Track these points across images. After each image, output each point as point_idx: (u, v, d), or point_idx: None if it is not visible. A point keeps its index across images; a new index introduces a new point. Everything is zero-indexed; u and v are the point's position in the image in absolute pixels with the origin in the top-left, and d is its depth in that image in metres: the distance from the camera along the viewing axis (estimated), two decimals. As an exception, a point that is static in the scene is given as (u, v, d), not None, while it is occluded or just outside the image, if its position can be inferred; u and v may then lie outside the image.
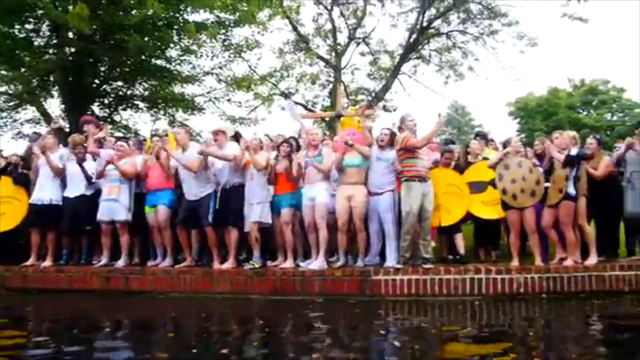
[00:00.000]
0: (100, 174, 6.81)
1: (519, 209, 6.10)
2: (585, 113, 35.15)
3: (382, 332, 4.50)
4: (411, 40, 18.79)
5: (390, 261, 6.01)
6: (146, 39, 11.18)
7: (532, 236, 6.13)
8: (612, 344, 3.99)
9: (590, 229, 6.20)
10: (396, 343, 4.09)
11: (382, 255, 6.23)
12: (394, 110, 6.86)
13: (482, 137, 7.20)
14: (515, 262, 6.05)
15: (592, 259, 6.04)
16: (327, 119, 16.71)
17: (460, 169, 6.75)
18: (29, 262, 6.99)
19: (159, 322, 5.25)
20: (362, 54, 20.16)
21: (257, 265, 6.29)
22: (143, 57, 11.93)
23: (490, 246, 6.82)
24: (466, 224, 7.11)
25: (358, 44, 19.85)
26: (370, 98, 19.02)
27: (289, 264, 6.26)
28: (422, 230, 6.03)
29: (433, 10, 18.44)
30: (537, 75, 54.63)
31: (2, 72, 12.44)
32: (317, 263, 6.07)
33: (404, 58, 19.11)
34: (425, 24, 18.48)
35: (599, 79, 35.60)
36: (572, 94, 35.45)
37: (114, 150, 6.96)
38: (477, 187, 6.58)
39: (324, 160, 6.22)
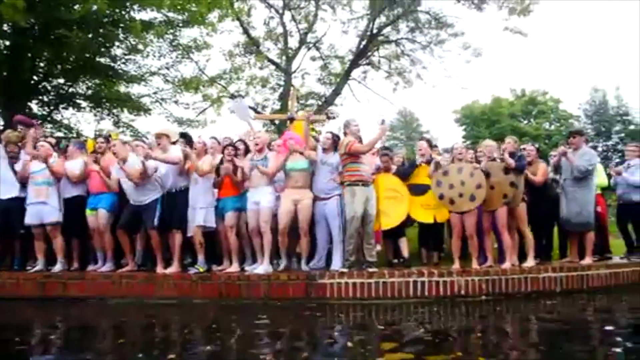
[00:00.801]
0: (23, 176, 6.52)
1: (460, 213, 6.30)
2: (526, 122, 36.77)
3: (327, 335, 4.52)
4: (361, 46, 19.07)
5: (336, 265, 6.07)
6: (90, 35, 10.79)
7: (471, 240, 6.34)
8: (545, 341, 4.18)
9: (530, 234, 6.47)
10: (340, 346, 4.12)
11: (327, 259, 6.28)
12: (335, 117, 6.93)
13: (426, 141, 7.38)
14: (456, 265, 6.24)
15: (530, 262, 6.32)
16: (277, 121, 16.71)
17: (401, 173, 6.89)
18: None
19: (99, 329, 5.06)
20: (313, 59, 20.29)
21: (201, 270, 6.19)
22: (86, 55, 11.50)
23: (434, 249, 7.00)
24: (411, 227, 7.29)
25: (309, 48, 19.96)
26: (320, 103, 19.15)
27: (234, 268, 6.21)
28: (366, 235, 6.12)
29: (383, 18, 18.82)
30: (482, 85, 56.77)
31: None
32: (262, 267, 6.05)
33: (354, 64, 19.36)
34: (375, 31, 18.82)
35: (538, 89, 37.38)
36: (513, 103, 37.01)
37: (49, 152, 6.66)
38: (418, 190, 6.74)
39: (269, 164, 6.21)
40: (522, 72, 63.24)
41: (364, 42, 19.04)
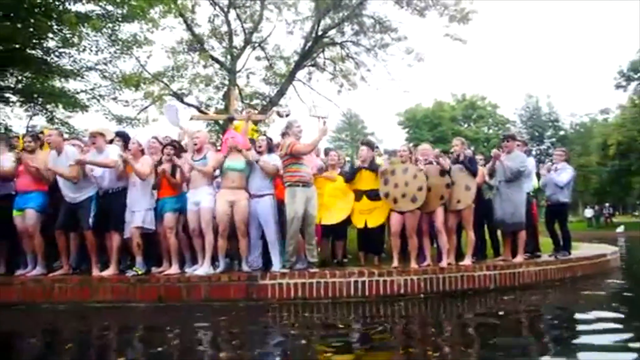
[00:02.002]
0: None
1: (400, 213, 6.45)
2: (466, 125, 38.15)
3: (268, 336, 4.52)
4: (306, 47, 19.16)
5: (276, 265, 6.07)
6: (18, 25, 10.21)
7: (411, 239, 6.50)
8: (479, 335, 4.36)
9: (473, 235, 6.70)
10: (281, 346, 4.13)
11: (266, 259, 6.29)
12: (287, 115, 6.92)
13: (367, 144, 7.50)
14: (395, 263, 6.39)
15: (467, 261, 6.56)
16: (220, 121, 16.47)
17: (345, 177, 6.99)
18: None
19: (27, 337, 4.80)
20: (258, 59, 20.18)
21: (140, 272, 6.02)
22: (16, 46, 10.88)
23: (373, 251, 7.11)
24: (351, 229, 7.40)
25: (254, 48, 19.83)
26: (265, 103, 19.06)
27: (174, 269, 6.08)
28: (307, 235, 6.15)
29: (328, 20, 18.98)
30: (424, 89, 58.32)
31: None
32: (203, 269, 5.95)
33: (299, 65, 19.42)
34: (320, 33, 18.95)
35: (477, 94, 38.88)
36: (454, 108, 38.32)
37: None
38: (355, 194, 6.88)
39: (209, 163, 6.13)
40: (463, 77, 65.62)
41: (309, 44, 19.14)
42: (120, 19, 12.13)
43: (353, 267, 6.52)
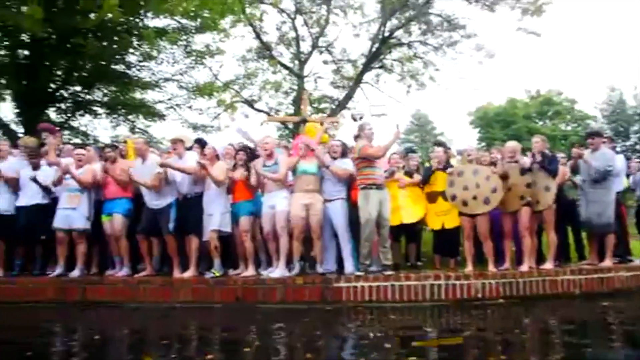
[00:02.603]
0: (58, 183, 6.61)
1: (472, 216, 6.26)
2: (541, 123, 36.43)
3: (343, 339, 4.52)
4: (373, 49, 19.06)
5: (349, 268, 6.07)
6: (104, 43, 10.94)
7: (485, 242, 6.28)
8: (565, 344, 4.13)
9: (555, 237, 6.37)
10: (356, 350, 4.12)
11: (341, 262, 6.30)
12: (361, 118, 6.93)
13: (441, 145, 7.36)
14: (469, 268, 6.19)
15: (549, 264, 6.25)
16: (290, 125, 16.76)
17: (411, 176, 6.90)
18: (-22, 274, 6.71)
19: (118, 333, 5.11)
20: (325, 63, 20.30)
21: (218, 274, 6.22)
22: (101, 62, 11.65)
23: (449, 254, 6.95)
24: (426, 232, 7.28)
25: (321, 52, 19.99)
26: (333, 106, 19.18)
27: (250, 272, 6.23)
28: (381, 238, 6.10)
29: (394, 21, 18.79)
30: (496, 86, 56.30)
31: (-49, 74, 11.92)
32: (278, 271, 6.06)
33: (367, 67, 19.36)
34: (387, 34, 18.81)
35: (553, 90, 37.02)
36: (529, 104, 36.71)
37: (73, 158, 6.75)
38: (430, 196, 6.76)
39: (280, 169, 6.21)
40: (537, 73, 62.71)
41: (376, 45, 19.03)
42: (193, 31, 12.65)
43: (428, 270, 6.40)
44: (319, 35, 19.56)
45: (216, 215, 6.21)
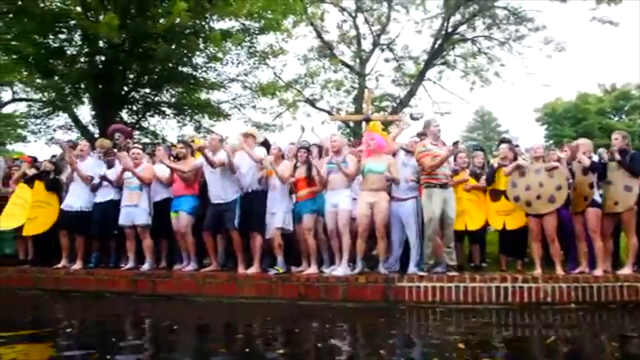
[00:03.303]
0: (118, 182, 6.96)
1: (539, 216, 6.01)
2: (616, 119, 34.34)
3: (405, 339, 4.47)
4: (436, 46, 18.74)
5: (412, 267, 5.99)
6: (173, 46, 11.41)
7: (552, 244, 6.01)
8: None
9: (636, 241, 5.97)
10: (419, 351, 4.06)
11: (402, 261, 6.23)
12: (420, 117, 6.81)
13: (508, 142, 7.10)
14: (537, 270, 5.94)
15: (627, 269, 5.88)
16: (352, 123, 16.77)
17: (477, 175, 6.73)
18: (60, 265, 7.19)
19: (185, 325, 5.31)
20: (387, 60, 20.20)
21: (281, 271, 6.32)
22: (170, 65, 12.17)
23: (515, 255, 6.71)
24: (491, 232, 7.06)
25: (382, 50, 19.89)
26: (395, 104, 19.01)
27: (312, 270, 6.28)
28: (445, 237, 5.98)
29: (458, 16, 18.38)
30: (566, 81, 53.61)
31: (37, 80, 12.84)
32: (340, 269, 6.07)
33: (429, 64, 19.06)
34: (450, 30, 18.44)
35: (630, 83, 34.75)
36: (602, 99, 34.68)
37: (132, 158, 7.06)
38: (493, 195, 6.57)
39: (349, 166, 6.22)
40: (612, 66, 59.08)
41: (438, 42, 18.71)
42: (257, 32, 12.94)
43: (494, 271, 6.21)
44: (380, 32, 19.46)
45: (279, 213, 6.31)
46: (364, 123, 7.83)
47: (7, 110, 15.31)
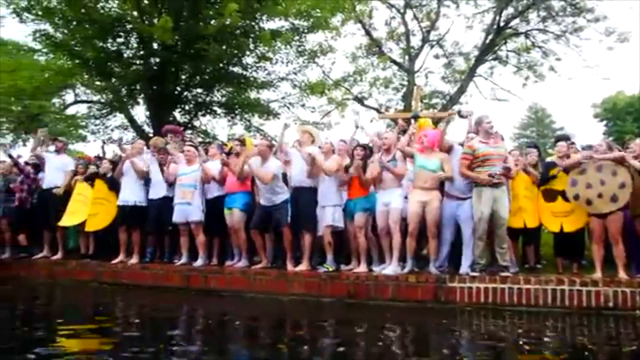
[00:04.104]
0: (170, 180, 7.16)
1: (602, 216, 5.74)
2: (683, 113, 32.37)
3: (457, 341, 4.39)
4: (487, 41, 18.23)
5: (465, 268, 5.87)
6: (224, 47, 11.64)
7: (616, 246, 5.70)
8: None
9: None
10: (470, 354, 3.98)
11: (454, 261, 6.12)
12: (469, 115, 6.64)
13: (565, 139, 6.83)
14: (597, 273, 5.68)
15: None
16: (400, 121, 16.56)
17: (541, 178, 6.48)
18: (118, 259, 7.49)
19: (237, 319, 5.42)
20: (436, 57, 19.83)
21: (331, 269, 6.34)
22: (221, 65, 12.43)
23: (572, 257, 6.45)
24: (545, 233, 6.82)
25: (432, 46, 19.55)
26: (445, 101, 18.67)
27: (362, 268, 6.27)
28: (498, 238, 5.81)
29: (511, 10, 17.80)
30: (628, 74, 50.87)
31: (96, 82, 13.42)
32: (390, 268, 6.03)
33: (480, 60, 18.57)
34: (502, 24, 17.87)
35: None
36: (668, 93, 32.75)
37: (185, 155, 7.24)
38: (549, 195, 6.31)
39: (398, 164, 6.16)
40: (680, 57, 55.59)
41: (490, 37, 18.19)
42: (306, 31, 13.01)
43: (550, 273, 5.99)
44: (429, 29, 19.14)
45: (329, 209, 6.32)
46: (412, 121, 7.71)
47: (70, 111, 16.07)
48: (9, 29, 30.47)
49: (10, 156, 8.55)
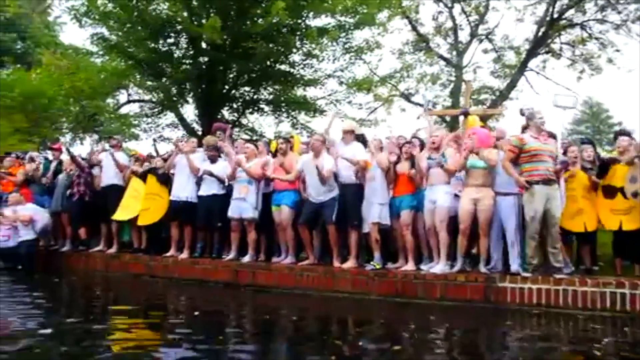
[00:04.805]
0: (232, 177, 7.28)
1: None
2: None
3: (507, 344, 4.27)
4: (539, 34, 17.58)
5: (515, 267, 5.70)
6: (271, 45, 11.79)
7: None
8: None
9: None
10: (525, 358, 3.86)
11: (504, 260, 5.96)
12: (528, 111, 6.41)
13: (627, 134, 6.50)
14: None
15: None
16: (448, 118, 16.30)
17: (586, 171, 6.23)
18: (169, 254, 7.72)
19: (286, 316, 5.47)
20: (485, 51, 19.30)
21: (378, 266, 6.30)
22: (268, 63, 12.60)
23: (633, 258, 6.14)
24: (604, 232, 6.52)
25: (480, 41, 19.05)
26: (494, 97, 18.18)
27: (409, 266, 6.20)
28: (550, 237, 5.59)
29: (565, 0, 17.09)
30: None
31: (148, 82, 13.87)
32: (438, 267, 5.93)
33: (531, 53, 17.93)
34: (555, 16, 17.18)
35: None
36: None
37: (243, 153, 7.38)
38: (608, 191, 6.02)
39: (448, 161, 6.04)
40: None
41: (542, 29, 17.52)
42: (352, 28, 12.98)
43: (608, 276, 5.73)
44: (478, 23, 18.68)
45: (376, 206, 6.28)
46: (461, 117, 7.54)
47: (123, 110, 16.71)
48: (69, 34, 31.96)
49: (69, 152, 8.95)
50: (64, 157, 9.17)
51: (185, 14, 11.92)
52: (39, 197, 8.91)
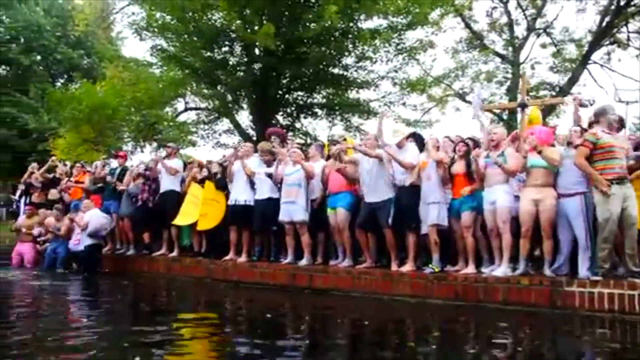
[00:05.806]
0: (277, 179, 7.36)
1: None
2: None
3: (576, 352, 4.06)
4: (604, 24, 16.73)
5: (583, 271, 5.41)
6: (324, 49, 11.84)
7: None
8: None
9: None
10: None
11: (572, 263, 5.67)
12: (591, 104, 6.09)
13: None
14: None
15: None
16: (505, 115, 15.80)
17: None
18: (228, 257, 7.87)
19: (345, 318, 5.46)
20: (543, 46, 18.62)
21: (437, 269, 6.17)
22: (321, 67, 12.66)
23: None
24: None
25: (538, 35, 18.40)
26: (553, 93, 17.46)
27: (470, 269, 6.03)
28: (628, 239, 5.25)
29: (633, -15, 16.18)
30: None
31: (204, 90, 14.28)
32: (500, 269, 5.73)
33: (595, 45, 17.10)
34: (622, 3, 16.26)
35: None
36: None
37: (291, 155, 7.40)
38: None
39: (508, 160, 5.85)
40: None
41: (607, 19, 16.67)
42: (404, 28, 12.83)
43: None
44: (535, 16, 18.05)
45: (434, 207, 6.17)
46: (519, 111, 7.23)
47: (181, 119, 17.28)
48: (130, 47, 33.47)
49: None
50: (128, 164, 9.57)
51: (239, 22, 12.17)
52: (106, 201, 9.34)
